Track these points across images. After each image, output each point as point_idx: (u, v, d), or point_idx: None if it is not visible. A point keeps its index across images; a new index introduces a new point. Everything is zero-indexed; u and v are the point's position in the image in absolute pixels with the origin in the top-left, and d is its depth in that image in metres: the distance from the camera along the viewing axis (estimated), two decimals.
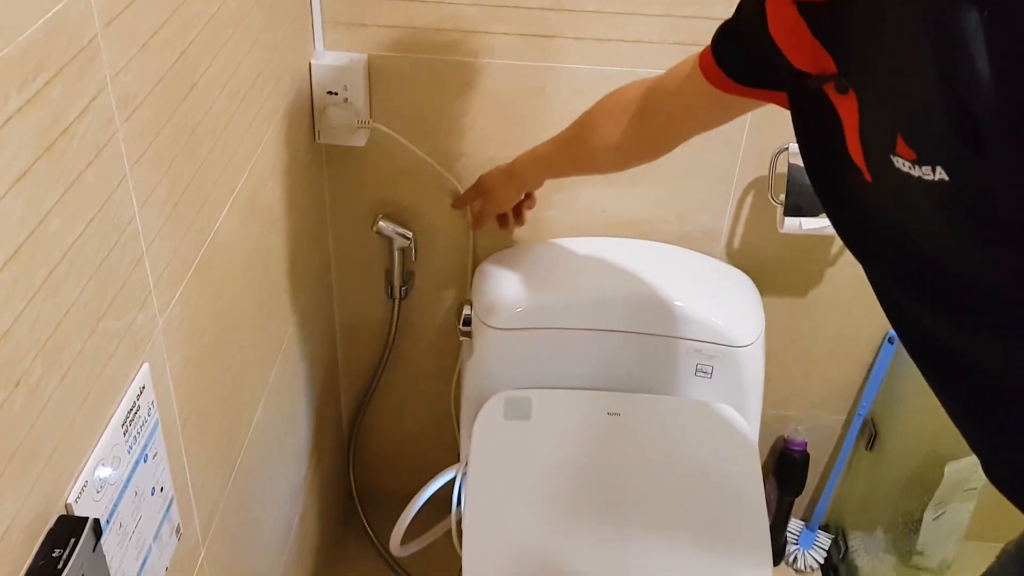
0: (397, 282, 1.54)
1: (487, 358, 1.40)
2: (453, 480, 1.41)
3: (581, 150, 1.19)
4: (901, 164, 0.63)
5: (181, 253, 0.87)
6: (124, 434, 0.78)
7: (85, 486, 0.72)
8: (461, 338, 1.44)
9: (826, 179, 0.79)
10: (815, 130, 0.77)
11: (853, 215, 0.78)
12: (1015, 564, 0.88)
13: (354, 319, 1.62)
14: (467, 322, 1.41)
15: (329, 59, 1.32)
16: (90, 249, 0.69)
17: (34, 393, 0.63)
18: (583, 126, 1.17)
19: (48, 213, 0.63)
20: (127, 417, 0.78)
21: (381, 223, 1.46)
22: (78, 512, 0.71)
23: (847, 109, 0.71)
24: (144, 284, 0.80)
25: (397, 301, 1.56)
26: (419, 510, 1.42)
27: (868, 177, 0.70)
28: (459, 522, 1.32)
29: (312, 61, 1.31)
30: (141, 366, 0.80)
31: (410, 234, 1.47)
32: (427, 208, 1.47)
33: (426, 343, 1.58)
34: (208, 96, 0.91)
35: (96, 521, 0.70)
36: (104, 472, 0.74)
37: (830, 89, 0.72)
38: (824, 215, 1.32)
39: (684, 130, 1.08)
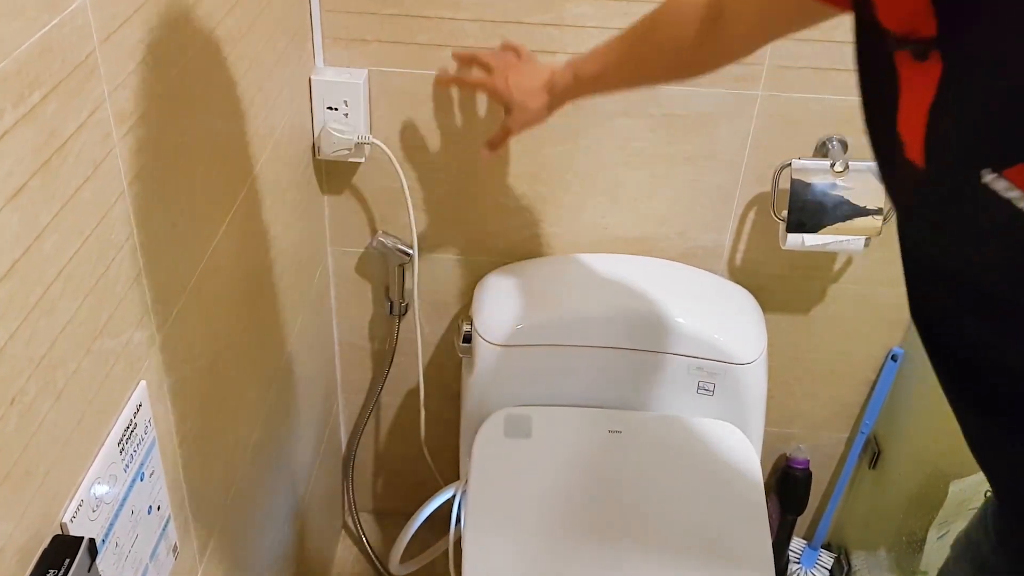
0: (397, 298, 1.53)
1: (487, 375, 1.39)
2: (452, 498, 1.40)
3: (646, 51, 1.03)
4: (1001, 187, 0.50)
5: (179, 271, 0.87)
6: (121, 452, 0.77)
7: (81, 505, 0.71)
8: (461, 355, 1.44)
9: (875, 140, 0.67)
10: (872, 88, 0.65)
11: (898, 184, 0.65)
12: (967, 554, 0.88)
13: (353, 336, 1.61)
14: (467, 339, 1.41)
15: (329, 75, 1.31)
16: (86, 267, 0.69)
17: (28, 412, 0.62)
18: (649, 25, 1.02)
19: (44, 230, 0.63)
20: (124, 435, 0.77)
21: (381, 239, 1.46)
22: (74, 531, 0.70)
23: (920, 80, 0.58)
24: (141, 302, 0.79)
25: (397, 318, 1.56)
26: (418, 528, 1.41)
27: (920, 162, 0.58)
28: (458, 541, 1.31)
29: (312, 77, 1.30)
30: (138, 384, 0.79)
31: (410, 250, 1.46)
32: (427, 224, 1.46)
33: (426, 360, 1.57)
34: (206, 113, 0.91)
35: (92, 541, 0.69)
36: (100, 491, 0.74)
37: (903, 56, 0.59)
38: (825, 231, 1.32)
39: (761, 37, 0.94)
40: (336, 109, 1.32)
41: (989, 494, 0.87)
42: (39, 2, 0.60)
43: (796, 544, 1.80)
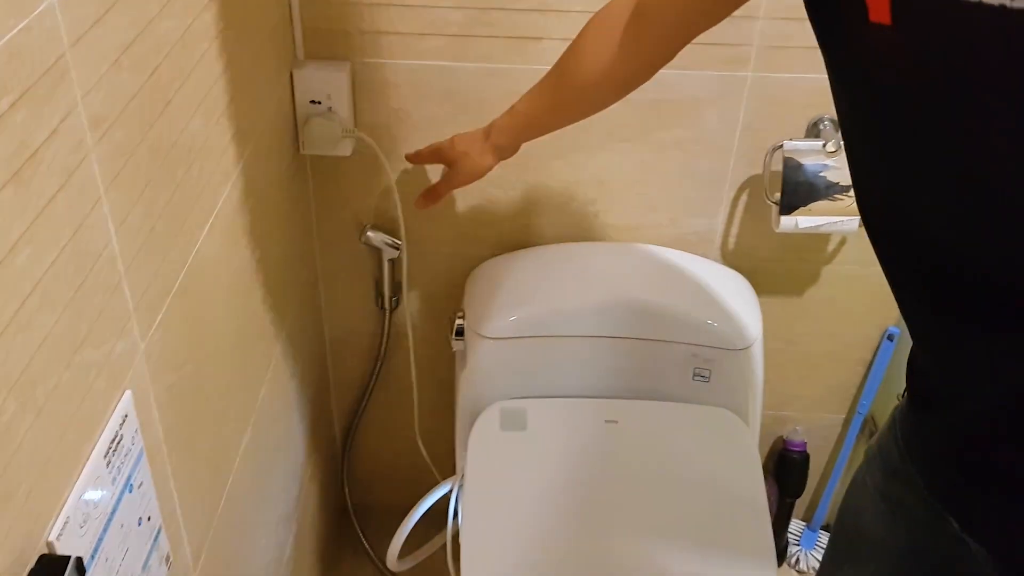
0: (387, 293, 1.51)
1: (481, 369, 1.38)
2: (449, 493, 1.38)
3: (571, 81, 1.06)
4: None
5: (161, 277, 0.84)
6: (107, 465, 0.75)
7: (67, 522, 0.69)
8: (454, 349, 1.42)
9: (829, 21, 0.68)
10: None
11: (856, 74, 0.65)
12: (876, 460, 0.90)
13: (344, 333, 1.60)
14: (460, 332, 1.39)
15: (311, 68, 1.29)
16: (63, 278, 0.67)
17: (7, 432, 0.60)
18: (570, 54, 1.06)
19: (17, 242, 0.60)
20: (110, 448, 0.76)
21: (369, 233, 1.44)
22: (61, 549, 0.68)
23: None
24: (123, 310, 0.77)
25: (388, 313, 1.54)
26: (416, 524, 1.40)
27: (887, 20, 0.57)
28: (456, 536, 1.30)
29: (293, 71, 1.28)
30: (123, 394, 0.77)
31: (399, 244, 1.45)
32: (416, 217, 1.44)
33: (418, 355, 1.55)
34: (184, 113, 0.88)
35: (79, 560, 0.67)
36: (87, 506, 0.72)
37: None
38: (818, 213, 1.31)
39: (688, 29, 0.95)
40: (319, 103, 1.30)
41: (899, 401, 0.88)
42: (5, 4, 0.58)
43: (795, 526, 1.80)
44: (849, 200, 1.30)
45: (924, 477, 0.82)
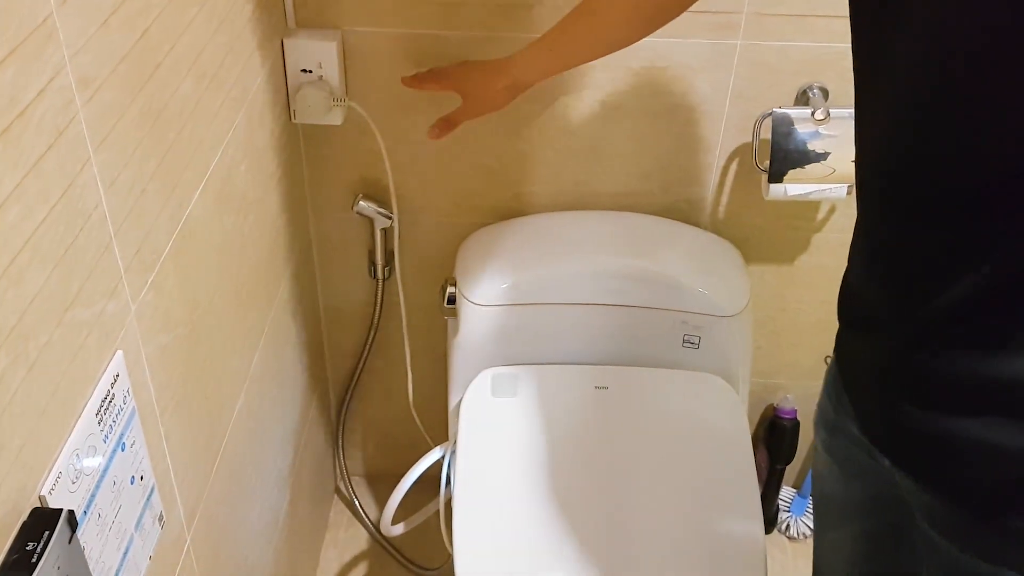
0: (380, 262, 1.52)
1: (472, 336, 1.39)
2: (442, 459, 1.40)
3: (594, 18, 1.06)
4: None
5: (152, 238, 0.85)
6: (99, 423, 0.77)
7: (59, 477, 0.70)
8: (445, 316, 1.43)
9: None
10: None
11: None
12: (819, 421, 0.95)
13: (338, 301, 1.61)
14: (451, 300, 1.40)
15: (302, 36, 1.29)
16: (54, 236, 0.68)
17: None
18: None
19: (7, 199, 0.61)
20: (101, 406, 0.77)
21: (361, 203, 1.44)
22: (53, 504, 0.70)
23: None
24: (114, 271, 0.78)
25: (381, 281, 1.55)
26: (410, 490, 1.41)
27: None
28: (449, 501, 1.31)
29: (284, 39, 1.28)
30: (114, 354, 0.79)
31: (392, 213, 1.45)
32: (408, 186, 1.45)
33: (411, 322, 1.56)
34: (175, 76, 0.89)
35: (71, 513, 0.69)
36: (79, 462, 0.73)
37: None
38: (807, 180, 1.32)
39: None
40: (310, 72, 1.30)
41: (830, 360, 0.93)
42: None
43: (786, 493, 1.81)
44: (838, 167, 1.31)
45: (856, 421, 0.85)
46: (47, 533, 0.65)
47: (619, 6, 1.03)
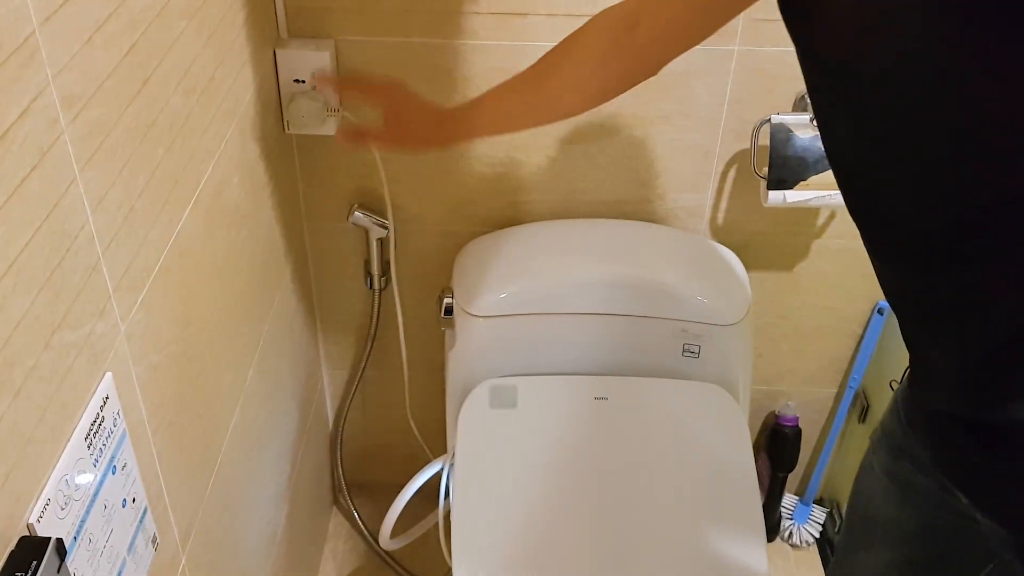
0: (376, 273, 1.51)
1: (470, 347, 1.37)
2: (441, 471, 1.38)
3: (552, 81, 1.00)
4: None
5: (141, 257, 0.84)
6: (88, 447, 0.75)
7: (48, 504, 0.69)
8: (443, 327, 1.42)
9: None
10: None
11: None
12: (883, 443, 0.93)
13: (334, 313, 1.59)
14: (448, 311, 1.39)
15: (294, 46, 1.28)
16: (39, 259, 0.66)
17: None
18: (560, 51, 1.00)
19: None
20: (91, 429, 0.75)
21: (357, 213, 1.43)
22: (41, 531, 0.68)
23: None
24: (102, 291, 0.76)
25: (377, 292, 1.54)
26: (409, 502, 1.40)
27: None
28: (448, 514, 1.30)
29: (276, 49, 1.27)
30: (104, 376, 0.77)
31: (387, 223, 1.44)
32: (403, 196, 1.44)
33: (409, 333, 1.55)
34: (163, 91, 0.88)
35: (59, 541, 0.67)
36: (68, 488, 0.72)
37: None
38: (806, 187, 1.30)
39: (678, 42, 0.94)
40: (303, 82, 1.29)
41: (898, 385, 0.91)
42: None
43: (788, 500, 1.80)
44: None
45: (929, 451, 0.83)
46: (35, 563, 0.64)
47: (566, 79, 0.98)
